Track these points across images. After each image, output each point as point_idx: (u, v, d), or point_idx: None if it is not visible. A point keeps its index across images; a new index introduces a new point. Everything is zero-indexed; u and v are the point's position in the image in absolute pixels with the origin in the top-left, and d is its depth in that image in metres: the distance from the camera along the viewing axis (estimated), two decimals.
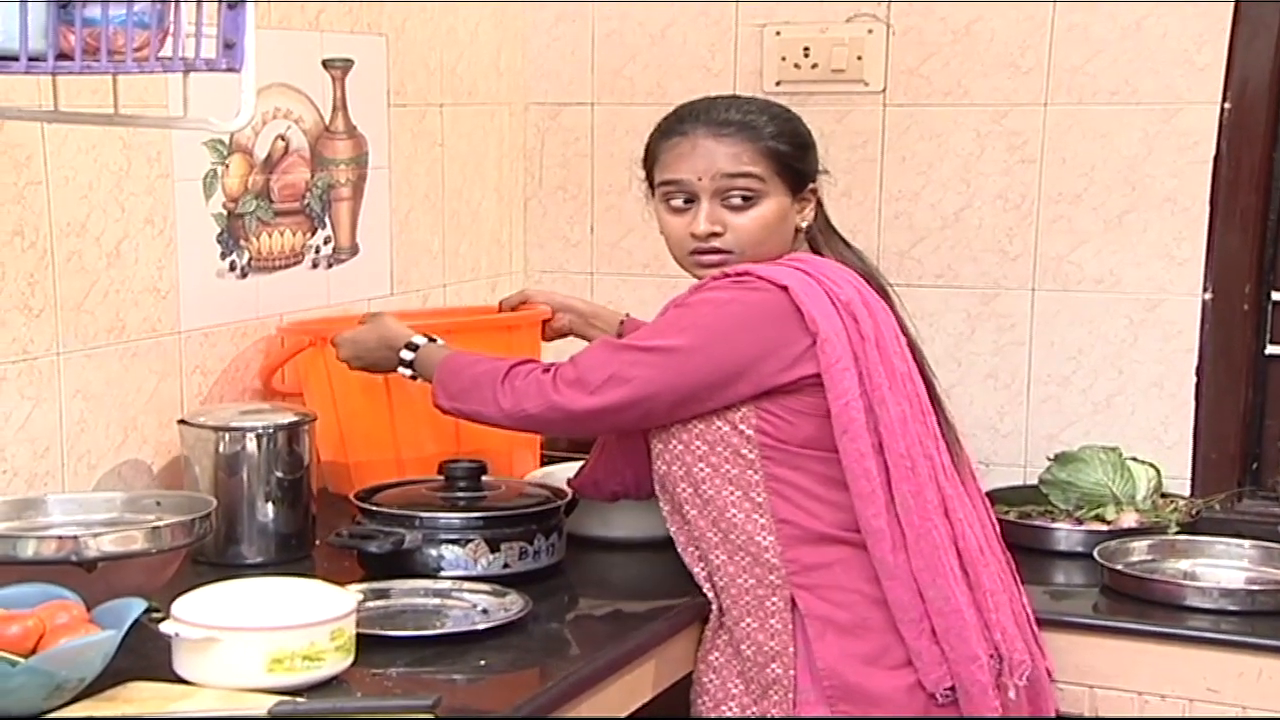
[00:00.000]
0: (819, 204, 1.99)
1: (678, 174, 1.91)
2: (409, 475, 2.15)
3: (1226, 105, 2.45)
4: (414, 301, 2.66)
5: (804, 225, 1.94)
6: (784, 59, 2.70)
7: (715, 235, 1.89)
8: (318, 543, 2.07)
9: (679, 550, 1.95)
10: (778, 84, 2.72)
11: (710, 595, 1.92)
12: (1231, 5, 2.43)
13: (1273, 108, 2.45)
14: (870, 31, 2.65)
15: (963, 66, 2.60)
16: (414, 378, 1.98)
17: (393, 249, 2.60)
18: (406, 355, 1.98)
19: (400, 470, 2.18)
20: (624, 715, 1.83)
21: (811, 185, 1.95)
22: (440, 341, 2.00)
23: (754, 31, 2.73)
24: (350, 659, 1.61)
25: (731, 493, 1.87)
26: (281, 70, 2.31)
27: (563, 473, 2.23)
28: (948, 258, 2.66)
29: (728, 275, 1.86)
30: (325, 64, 2.40)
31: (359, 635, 1.64)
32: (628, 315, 2.30)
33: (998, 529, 1.98)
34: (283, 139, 2.33)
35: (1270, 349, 2.51)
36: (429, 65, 2.64)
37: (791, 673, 1.83)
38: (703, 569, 1.92)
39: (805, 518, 1.84)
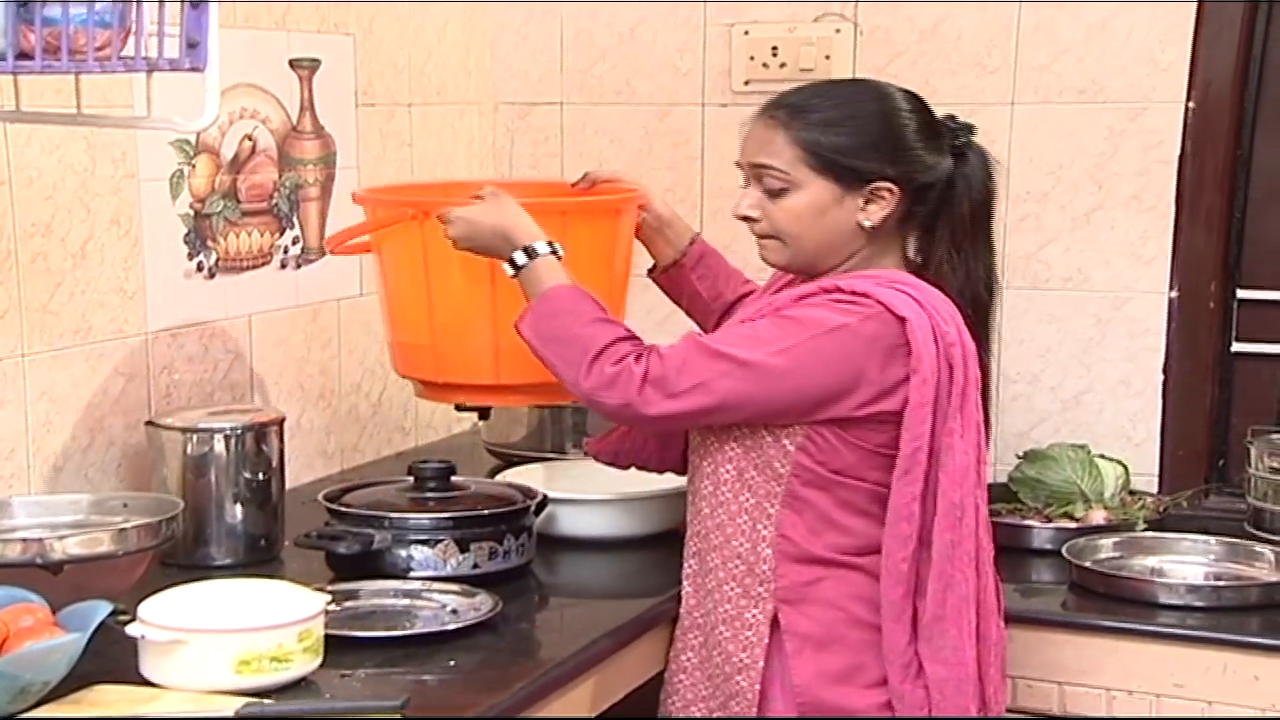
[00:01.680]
0: (913, 207, 1.82)
1: (738, 157, 1.87)
2: (504, 373, 1.97)
3: (1191, 104, 2.46)
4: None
5: (869, 225, 1.79)
6: (752, 58, 2.71)
7: (750, 220, 1.83)
8: (287, 544, 2.06)
9: (685, 535, 1.91)
10: (746, 83, 2.73)
11: (689, 592, 1.89)
12: (1195, 5, 2.45)
13: (1236, 107, 2.47)
14: (838, 31, 2.65)
15: (930, 66, 2.60)
16: (513, 277, 1.83)
17: None
18: (519, 258, 1.81)
19: (496, 365, 1.98)
20: (594, 715, 1.83)
21: (883, 184, 1.78)
22: (560, 254, 1.83)
23: (722, 31, 2.73)
24: (318, 660, 1.61)
25: (748, 500, 1.82)
26: (248, 70, 2.30)
27: (524, 475, 2.22)
28: None
29: (841, 290, 1.75)
30: (292, 64, 2.39)
31: (327, 636, 1.64)
32: (699, 234, 2.16)
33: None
34: (250, 139, 2.32)
35: (1236, 346, 2.53)
36: (397, 65, 2.63)
37: (757, 687, 1.80)
38: (694, 565, 1.89)
39: (808, 538, 1.80)
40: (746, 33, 2.71)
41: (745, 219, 1.84)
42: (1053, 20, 2.53)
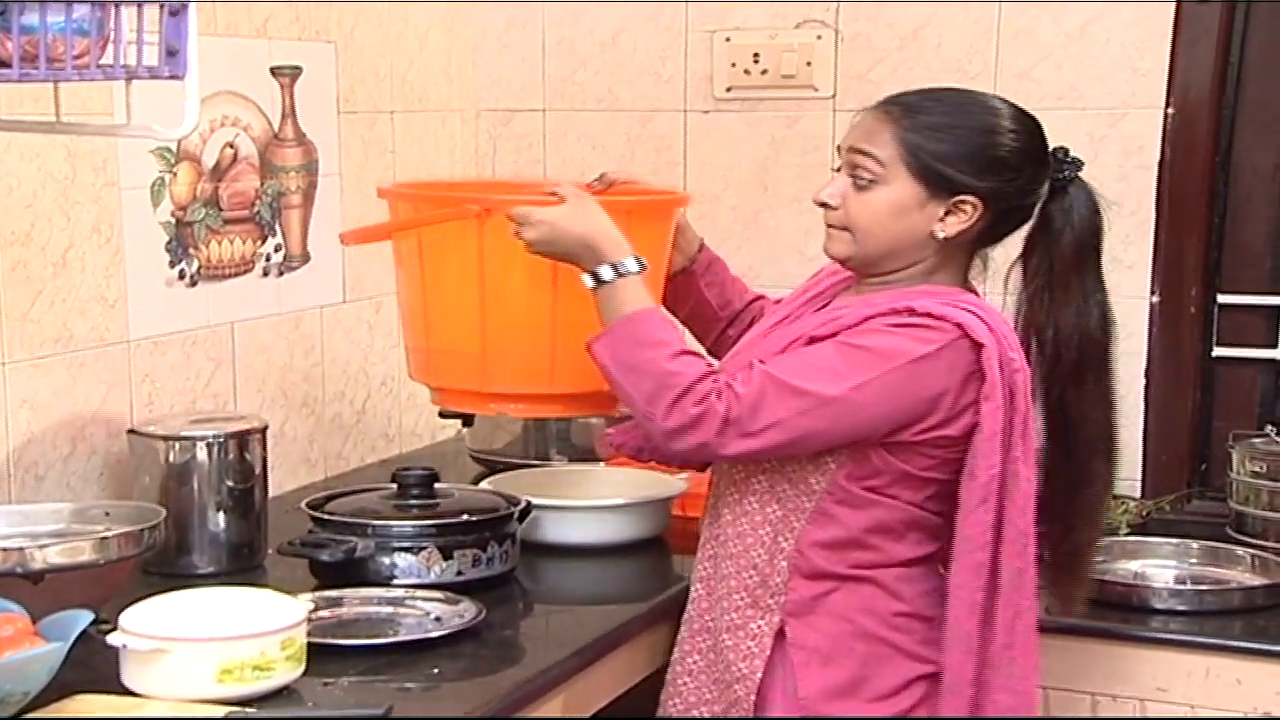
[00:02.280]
0: (991, 228, 1.78)
1: (841, 141, 1.83)
2: (559, 382, 1.88)
3: (1170, 110, 2.48)
4: (367, 310, 2.65)
5: (942, 236, 1.75)
6: (734, 65, 2.72)
7: (828, 207, 1.79)
8: (270, 552, 2.06)
9: (700, 538, 1.87)
10: (728, 90, 2.73)
11: (700, 594, 1.86)
12: (1172, 13, 2.46)
13: (1215, 112, 2.48)
14: (819, 37, 2.66)
15: (911, 72, 2.61)
16: (591, 290, 1.75)
17: (344, 256, 2.58)
18: (605, 273, 1.73)
19: (551, 373, 1.89)
20: None
21: (969, 198, 1.74)
22: (645, 270, 1.76)
23: (704, 38, 2.74)
24: (301, 668, 1.60)
25: (774, 512, 1.78)
26: (229, 78, 2.30)
27: (508, 482, 2.22)
28: None
29: (915, 313, 1.71)
30: (273, 71, 2.39)
31: (310, 644, 1.63)
32: (703, 242, 2.11)
33: None
34: (231, 146, 2.32)
35: (1217, 351, 2.54)
36: (379, 72, 2.63)
37: (752, 698, 1.78)
38: (708, 568, 1.85)
39: (826, 556, 1.77)
40: (728, 39, 2.72)
41: (823, 205, 1.80)
42: (1032, 27, 2.54)
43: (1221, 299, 2.54)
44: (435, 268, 1.92)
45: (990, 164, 1.75)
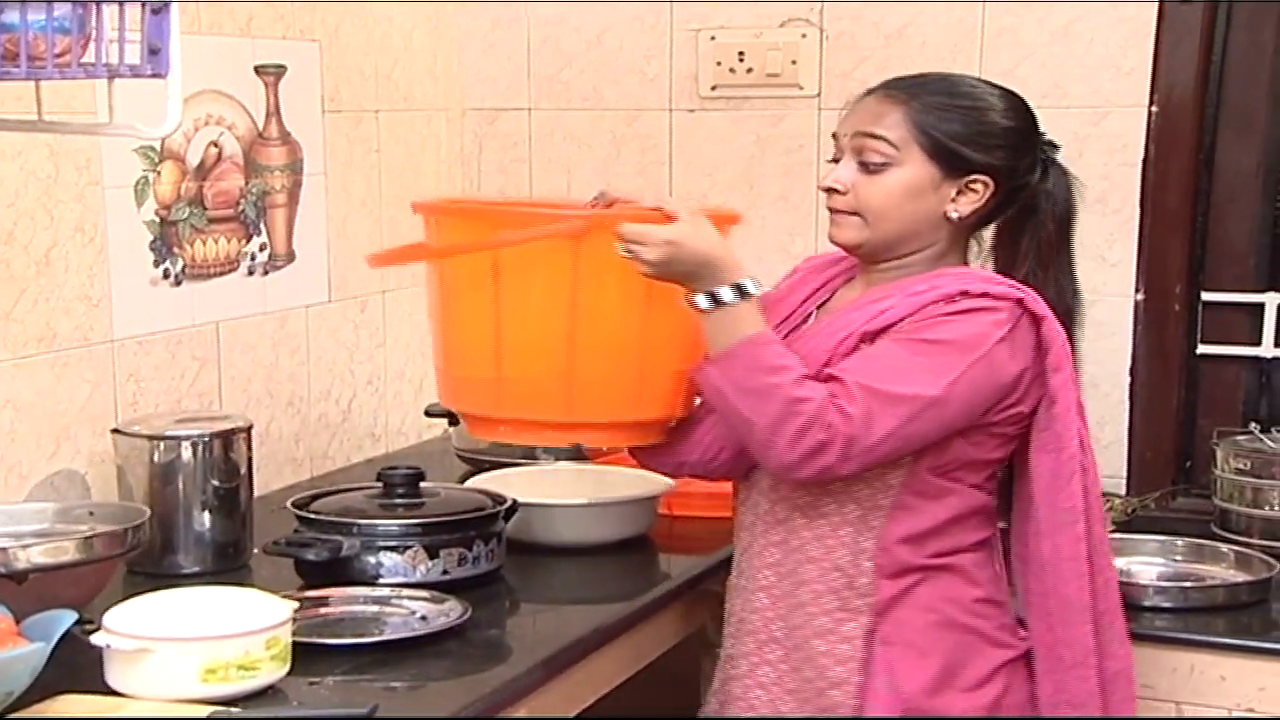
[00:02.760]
0: (998, 209, 1.78)
1: (836, 129, 1.81)
2: (646, 407, 1.77)
3: (1154, 109, 2.48)
4: (352, 309, 2.65)
5: (955, 217, 1.75)
6: (719, 64, 2.72)
7: (836, 192, 1.76)
8: (255, 551, 2.05)
9: (753, 545, 1.81)
10: (713, 88, 2.73)
11: (765, 604, 1.79)
12: (1155, 12, 2.47)
13: (1198, 111, 2.49)
14: (804, 36, 2.66)
15: (895, 70, 2.54)
16: (703, 311, 1.67)
17: (330, 255, 2.58)
18: (726, 295, 1.65)
19: (639, 398, 1.77)
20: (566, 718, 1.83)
21: (980, 177, 1.74)
22: (760, 293, 1.70)
23: (689, 36, 2.74)
24: (286, 668, 1.60)
25: (853, 511, 1.74)
26: (213, 76, 2.30)
27: (495, 481, 2.22)
28: None
29: (972, 295, 1.70)
30: (258, 70, 2.39)
31: (295, 644, 1.63)
32: None
33: None
34: (216, 145, 2.31)
35: (1202, 349, 2.55)
36: (364, 71, 2.63)
37: (854, 701, 1.74)
38: (775, 577, 1.79)
39: (908, 550, 1.74)
40: (713, 38, 2.72)
41: (830, 190, 1.77)
42: (1016, 25, 2.55)
43: (1205, 296, 2.55)
44: (518, 291, 1.72)
45: (998, 142, 1.76)
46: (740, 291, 1.66)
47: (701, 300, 1.66)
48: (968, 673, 1.75)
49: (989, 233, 1.84)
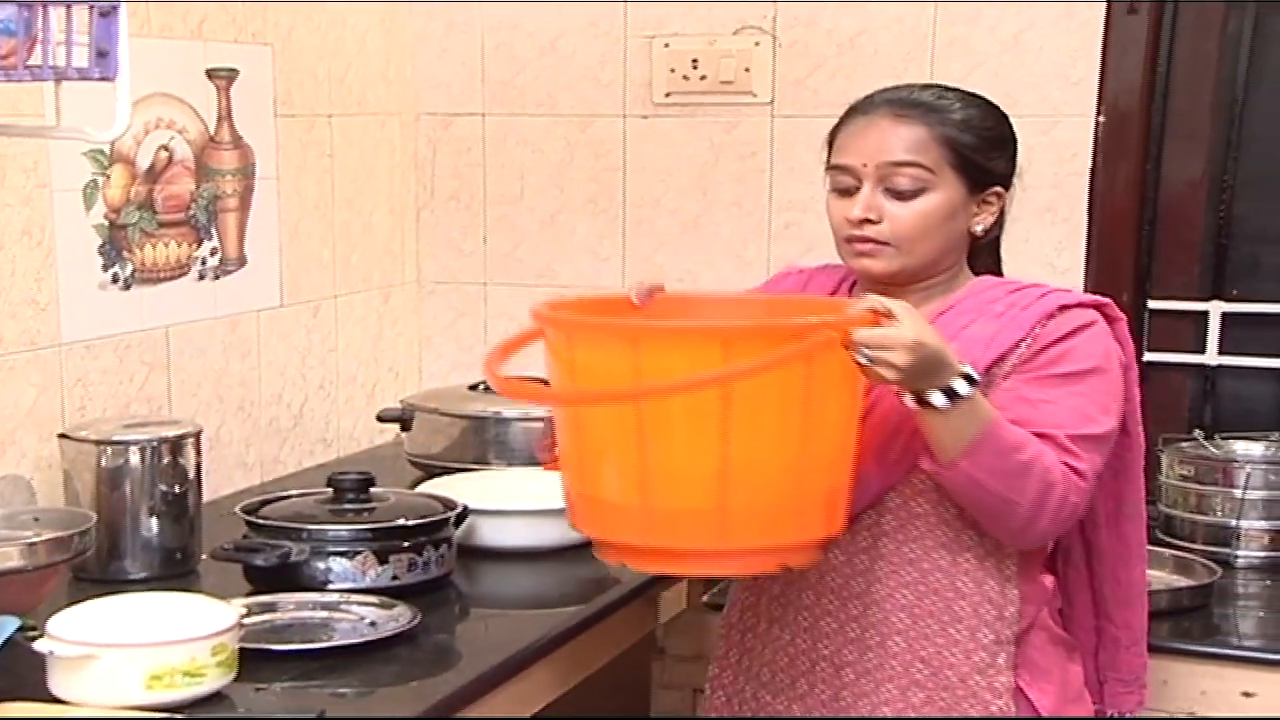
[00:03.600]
0: (1001, 213, 1.78)
1: (844, 158, 1.73)
2: (806, 529, 1.60)
3: (1101, 118, 2.52)
4: (304, 314, 2.64)
5: (979, 231, 1.74)
6: (673, 70, 2.73)
7: (869, 223, 1.70)
8: (204, 557, 2.04)
9: (862, 593, 1.71)
10: (667, 95, 2.74)
11: (902, 648, 1.71)
12: (1102, 23, 2.50)
13: (1144, 121, 2.53)
14: (757, 44, 2.68)
15: (849, 79, 2.63)
16: (933, 409, 1.57)
17: (282, 260, 2.57)
18: (962, 388, 1.56)
19: (800, 518, 1.58)
20: None
21: (996, 189, 1.74)
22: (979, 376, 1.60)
23: (643, 43, 2.75)
24: (233, 674, 1.59)
25: (991, 540, 1.68)
26: (164, 79, 2.28)
27: (446, 486, 2.22)
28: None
29: (1073, 307, 1.71)
30: (209, 73, 2.38)
31: (243, 650, 1.62)
32: None
33: None
34: (166, 149, 2.30)
35: (1149, 356, 2.58)
36: (317, 75, 2.62)
37: None
38: (911, 617, 1.70)
39: (1034, 566, 1.72)
40: (667, 45, 2.73)
41: (863, 223, 1.71)
42: (967, 35, 2.57)
43: (1152, 304, 2.58)
44: (750, 414, 1.52)
45: (1007, 150, 1.76)
46: (969, 380, 1.57)
47: (939, 399, 1.56)
48: (1072, 682, 1.77)
49: None
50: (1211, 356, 2.56)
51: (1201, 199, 2.58)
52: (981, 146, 1.72)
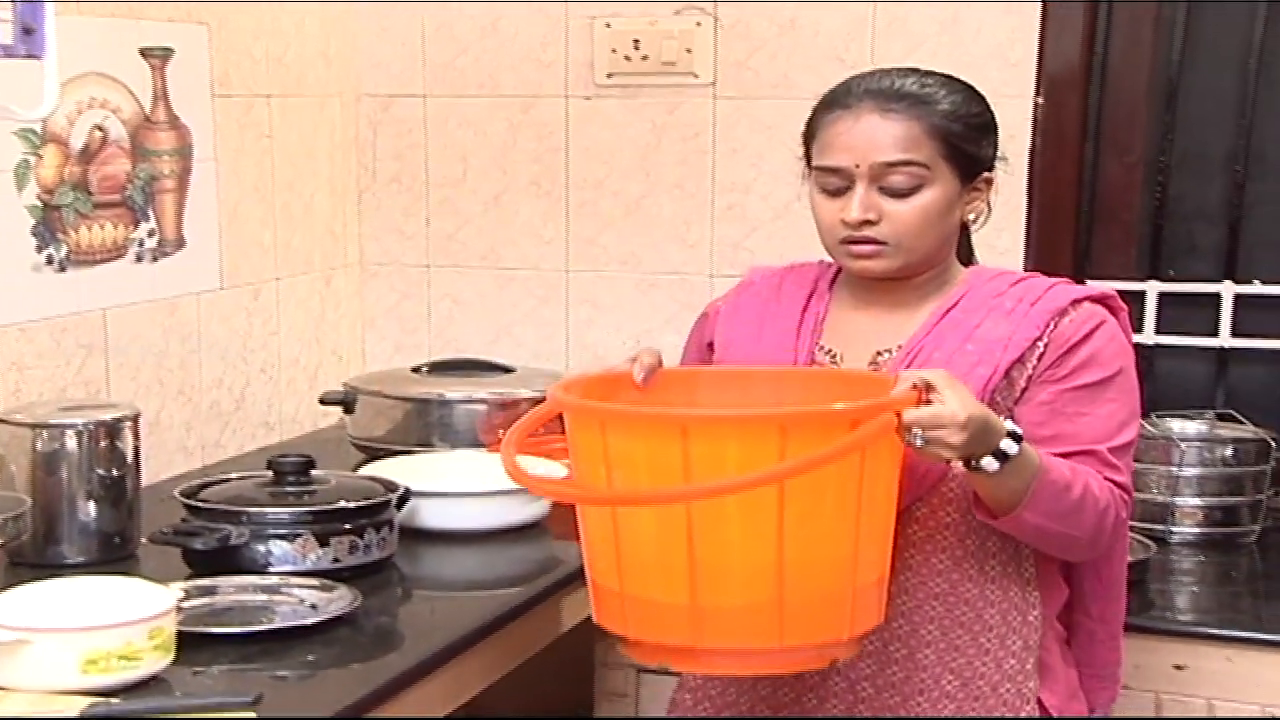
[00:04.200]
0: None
1: (834, 159, 1.67)
2: (859, 621, 1.53)
3: (1039, 100, 2.54)
4: (245, 296, 2.62)
5: (972, 218, 1.72)
6: (614, 51, 2.72)
7: (869, 224, 1.66)
8: (143, 541, 2.02)
9: (895, 621, 1.65)
10: (609, 76, 2.74)
11: (931, 660, 1.67)
12: (1040, 4, 2.52)
13: (1081, 103, 2.55)
14: (699, 24, 2.68)
15: (789, 60, 2.64)
16: (994, 470, 1.54)
17: (222, 242, 2.55)
18: (1011, 449, 1.53)
19: (854, 611, 1.52)
20: (454, 707, 1.83)
21: (986, 174, 1.72)
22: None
23: (584, 24, 2.74)
24: (170, 658, 1.58)
25: (1014, 546, 1.66)
26: (96, 58, 2.25)
27: (388, 469, 2.21)
28: (781, 248, 2.69)
29: (1090, 301, 1.70)
30: (143, 52, 2.35)
31: (181, 633, 1.61)
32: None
33: None
34: (100, 129, 2.27)
35: None
36: (254, 55, 2.59)
37: None
38: (940, 629, 1.68)
39: (1050, 589, 1.72)
40: (608, 25, 2.72)
41: (862, 225, 1.66)
42: (906, 16, 2.58)
43: (1090, 284, 2.60)
44: (807, 503, 1.46)
45: (988, 134, 1.73)
46: (1016, 438, 1.54)
47: (991, 463, 1.53)
48: (1072, 680, 1.76)
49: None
50: (1148, 336, 2.59)
51: (1138, 180, 2.61)
52: (971, 135, 1.69)
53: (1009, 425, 1.55)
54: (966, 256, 1.81)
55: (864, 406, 1.47)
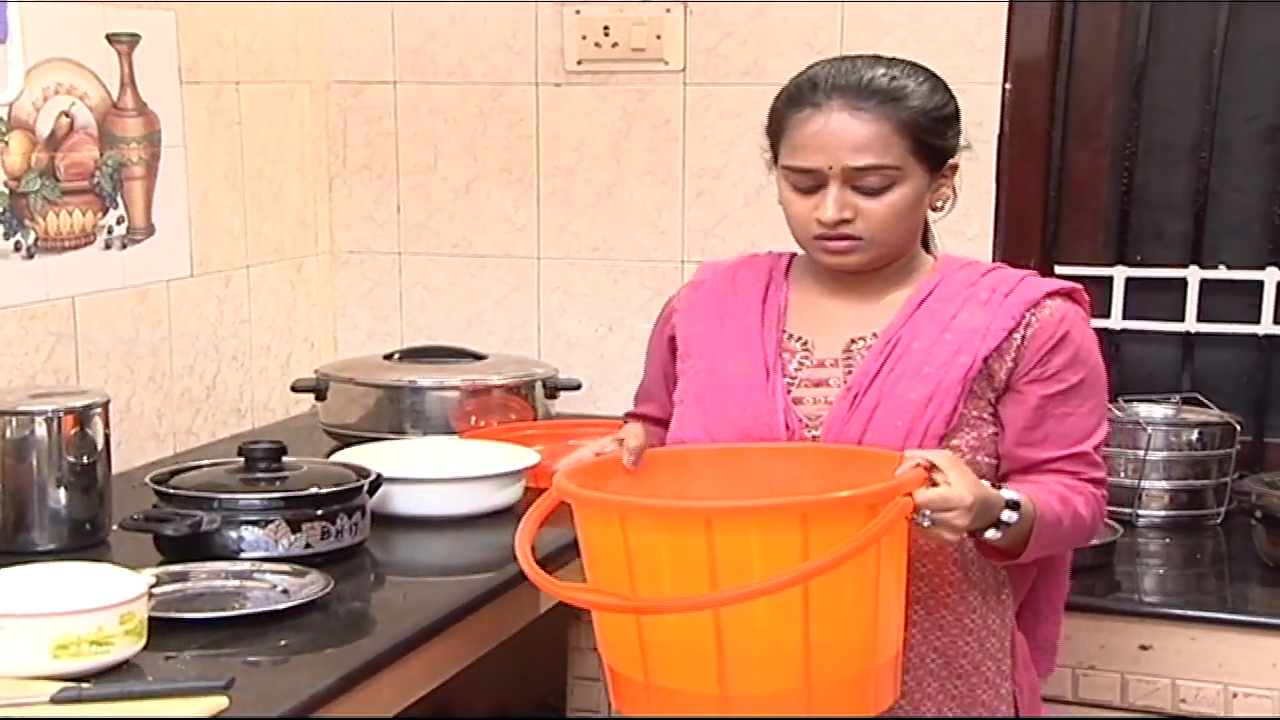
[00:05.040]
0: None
1: (806, 161, 1.67)
2: (880, 700, 1.55)
3: (1007, 86, 2.55)
4: (216, 284, 2.61)
5: (940, 206, 1.74)
6: (584, 38, 2.72)
7: (844, 222, 1.68)
8: (114, 528, 2.02)
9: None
10: (579, 63, 2.74)
11: (917, 638, 1.68)
12: None
13: (1049, 89, 2.57)
14: (668, 11, 2.68)
15: (759, 46, 2.65)
16: (997, 539, 1.61)
17: (191, 229, 2.54)
18: (1010, 518, 1.60)
19: (879, 689, 1.54)
20: (426, 692, 1.83)
21: (951, 162, 1.73)
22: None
23: (554, 10, 2.74)
24: (141, 643, 1.58)
25: (982, 544, 1.65)
26: (62, 44, 2.24)
27: (360, 455, 2.21)
28: (751, 235, 2.71)
29: (1061, 294, 1.73)
30: (110, 38, 2.33)
31: (153, 619, 1.61)
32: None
33: None
34: (67, 115, 2.26)
35: None
36: (222, 41, 2.58)
37: (1009, 684, 1.74)
38: (925, 609, 1.68)
39: (1019, 568, 1.73)
40: (578, 12, 2.72)
41: (841, 222, 1.67)
42: (874, 2, 2.59)
43: (1058, 270, 2.62)
44: (830, 590, 1.46)
45: (954, 123, 1.74)
46: (1014, 506, 1.60)
47: (994, 534, 1.60)
48: (1024, 650, 1.78)
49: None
50: (1116, 321, 2.61)
51: (1105, 167, 2.62)
52: (938, 128, 1.70)
53: (1006, 494, 1.60)
54: (926, 241, 1.83)
55: (880, 490, 1.49)
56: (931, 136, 1.69)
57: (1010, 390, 1.69)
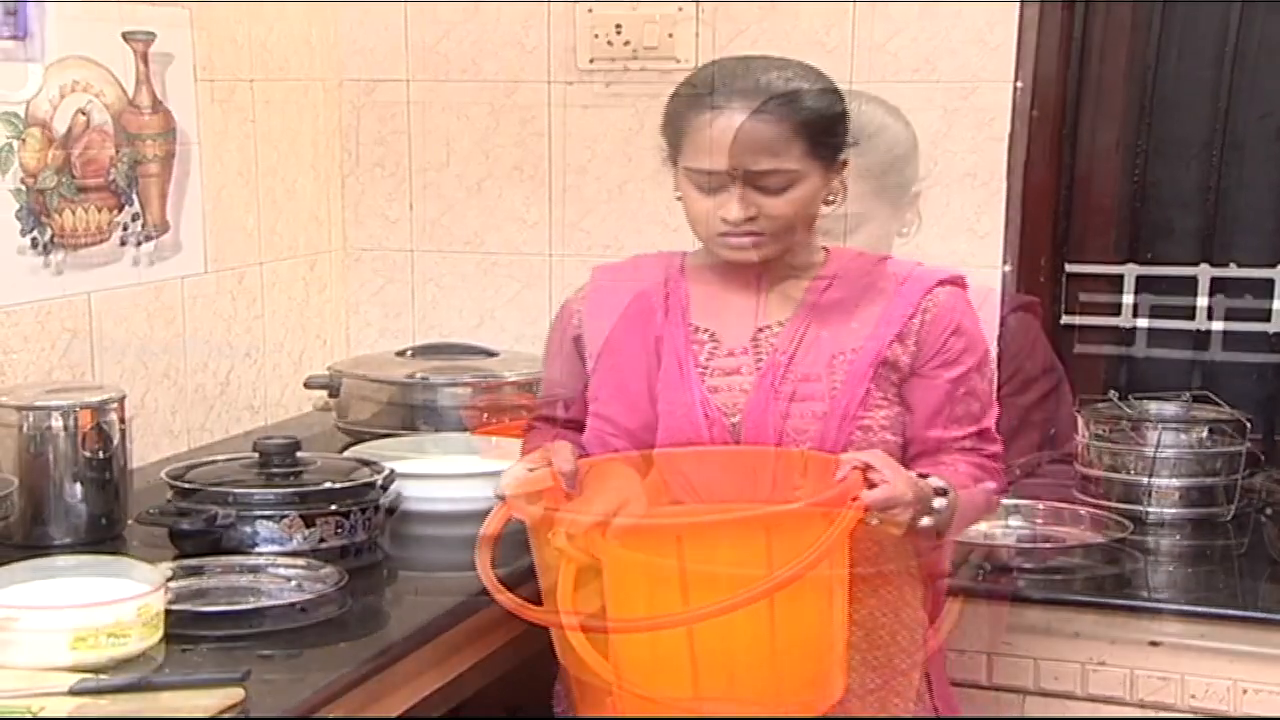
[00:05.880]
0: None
1: (708, 163, 1.74)
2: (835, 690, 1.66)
3: (1018, 84, 2.55)
4: (230, 281, 2.63)
5: (834, 200, 1.81)
6: (597, 36, 2.73)
7: (748, 219, 1.75)
8: (130, 522, 2.04)
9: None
10: (591, 61, 2.75)
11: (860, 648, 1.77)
12: None
13: (1060, 87, 2.57)
14: (680, 9, 2.69)
15: (771, 45, 2.65)
16: (929, 526, 1.69)
17: (206, 227, 2.56)
18: (940, 504, 1.69)
19: (833, 683, 1.65)
20: (439, 685, 1.84)
21: (842, 158, 1.81)
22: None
23: (566, 8, 2.75)
24: (158, 635, 1.60)
25: None
26: (79, 42, 2.25)
27: (373, 450, 2.22)
28: None
29: (957, 285, 1.83)
30: (126, 36, 2.35)
31: (169, 612, 1.63)
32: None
33: None
34: (83, 113, 2.27)
35: (1066, 319, 2.63)
36: (237, 39, 2.60)
37: (921, 655, 1.81)
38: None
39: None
40: (590, 10, 2.73)
41: (748, 220, 1.75)
42: (886, 1, 2.60)
43: (1069, 268, 2.63)
44: (793, 598, 1.57)
45: (844, 120, 1.81)
46: (942, 492, 1.69)
47: (927, 521, 1.68)
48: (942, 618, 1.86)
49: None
50: (1127, 319, 2.61)
51: (1117, 164, 2.63)
52: (832, 128, 1.78)
53: (934, 482, 1.69)
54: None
55: (833, 497, 1.59)
56: (827, 136, 1.77)
57: (916, 375, 1.79)
